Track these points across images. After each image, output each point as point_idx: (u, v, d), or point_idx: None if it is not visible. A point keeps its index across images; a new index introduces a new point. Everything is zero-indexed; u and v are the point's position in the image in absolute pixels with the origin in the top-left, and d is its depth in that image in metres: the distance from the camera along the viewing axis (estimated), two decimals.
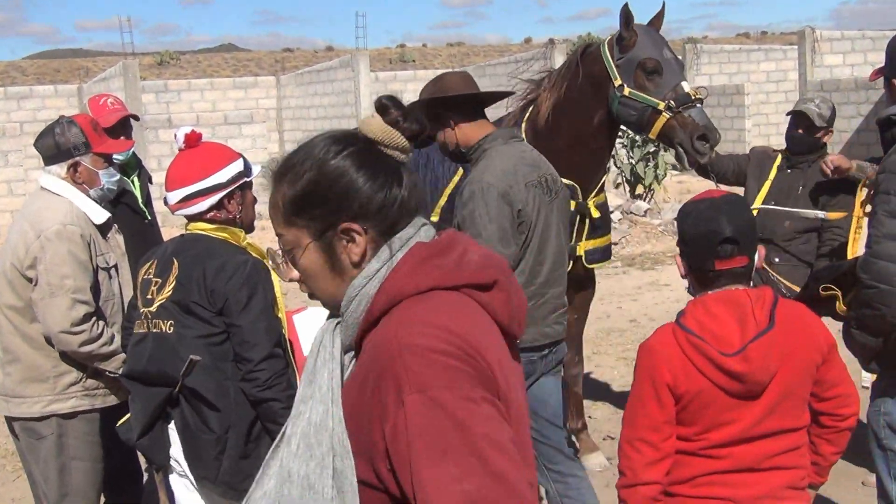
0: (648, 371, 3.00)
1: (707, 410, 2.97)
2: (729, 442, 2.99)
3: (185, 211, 3.62)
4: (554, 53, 21.13)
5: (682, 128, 5.16)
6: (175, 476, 3.71)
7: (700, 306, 3.01)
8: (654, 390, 2.98)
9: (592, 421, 6.74)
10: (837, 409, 3.10)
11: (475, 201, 4.09)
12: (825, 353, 3.05)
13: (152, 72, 43.35)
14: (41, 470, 4.36)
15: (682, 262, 3.10)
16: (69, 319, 4.13)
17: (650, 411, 2.98)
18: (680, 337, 2.97)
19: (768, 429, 3.00)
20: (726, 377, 2.93)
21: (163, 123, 18.77)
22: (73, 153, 4.35)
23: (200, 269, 3.49)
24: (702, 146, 5.15)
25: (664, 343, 3.00)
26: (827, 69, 22.72)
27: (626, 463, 3.02)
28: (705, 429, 2.98)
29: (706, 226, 2.99)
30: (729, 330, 2.96)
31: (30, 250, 4.19)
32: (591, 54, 5.53)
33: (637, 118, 5.32)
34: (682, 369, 2.95)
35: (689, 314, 3.02)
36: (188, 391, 3.51)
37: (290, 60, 49.90)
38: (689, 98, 5.17)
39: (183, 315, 3.51)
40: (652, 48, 5.30)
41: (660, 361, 2.97)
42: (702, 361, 2.94)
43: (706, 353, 2.93)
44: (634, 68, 5.29)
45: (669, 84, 5.23)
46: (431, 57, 51.67)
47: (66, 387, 4.30)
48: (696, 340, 2.94)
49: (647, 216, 14.93)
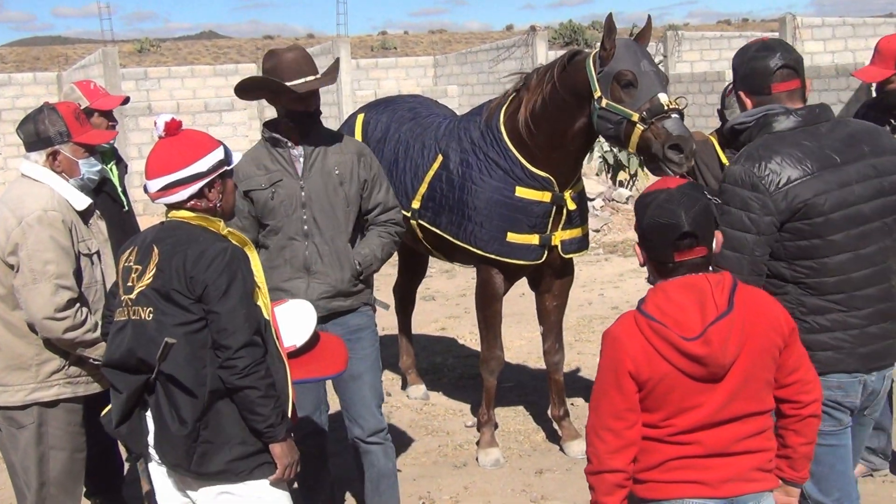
0: (610, 359, 3.05)
1: (671, 396, 3.01)
2: (695, 427, 3.03)
3: (166, 200, 3.60)
4: (536, 41, 21.09)
5: (656, 138, 5.09)
6: (155, 464, 3.71)
7: (660, 293, 3.05)
8: (616, 378, 3.02)
9: (574, 408, 6.77)
10: (797, 395, 3.13)
11: None
12: (786, 337, 3.09)
13: (132, 59, 43.08)
14: (20, 460, 4.35)
15: (641, 252, 3.13)
16: (53, 305, 4.12)
17: (612, 399, 3.04)
18: (641, 323, 3.01)
19: (734, 413, 3.04)
20: (688, 361, 2.97)
21: (143, 111, 18.65)
22: (53, 141, 4.33)
23: (181, 257, 3.48)
24: (674, 155, 5.04)
25: (625, 330, 3.04)
26: (808, 56, 22.78)
27: (591, 450, 3.09)
28: (670, 414, 3.03)
29: (665, 219, 2.99)
30: (689, 315, 2.99)
31: (11, 237, 4.17)
32: (576, 63, 5.52)
33: (614, 131, 5.30)
34: (644, 355, 2.99)
35: (650, 301, 3.05)
36: (165, 377, 3.50)
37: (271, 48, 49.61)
38: (663, 109, 5.11)
39: (162, 302, 3.49)
40: (629, 60, 5.25)
41: (620, 349, 3.02)
42: (663, 346, 2.98)
43: (668, 338, 2.97)
44: (611, 80, 5.27)
45: (645, 96, 5.18)
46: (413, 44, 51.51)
47: (48, 375, 4.29)
48: (657, 326, 2.98)
49: (629, 203, 14.94)
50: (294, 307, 3.98)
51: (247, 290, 3.52)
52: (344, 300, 4.72)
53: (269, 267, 4.56)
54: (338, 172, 4.68)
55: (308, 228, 4.63)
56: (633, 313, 3.07)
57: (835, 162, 3.47)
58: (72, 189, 4.36)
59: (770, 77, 3.60)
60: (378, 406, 4.87)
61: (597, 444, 3.07)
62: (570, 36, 43.98)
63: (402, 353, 7.70)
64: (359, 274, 4.73)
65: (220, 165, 3.64)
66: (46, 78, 25.29)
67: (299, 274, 4.64)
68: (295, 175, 4.64)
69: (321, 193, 4.64)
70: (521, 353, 8.57)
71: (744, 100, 3.70)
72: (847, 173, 3.47)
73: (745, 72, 3.67)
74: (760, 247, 3.47)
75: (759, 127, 3.58)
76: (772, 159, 3.44)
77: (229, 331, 3.44)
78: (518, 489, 5.77)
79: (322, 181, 4.64)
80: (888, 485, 5.56)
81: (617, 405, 3.03)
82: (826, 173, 3.44)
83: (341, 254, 4.69)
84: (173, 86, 25.52)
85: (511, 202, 5.72)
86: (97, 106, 5.51)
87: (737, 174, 3.48)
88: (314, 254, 4.64)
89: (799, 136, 3.50)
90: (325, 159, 4.68)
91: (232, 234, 3.68)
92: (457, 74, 25.48)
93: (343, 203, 4.69)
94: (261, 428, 3.51)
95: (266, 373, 3.49)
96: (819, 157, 3.46)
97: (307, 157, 4.67)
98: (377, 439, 4.82)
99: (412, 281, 7.85)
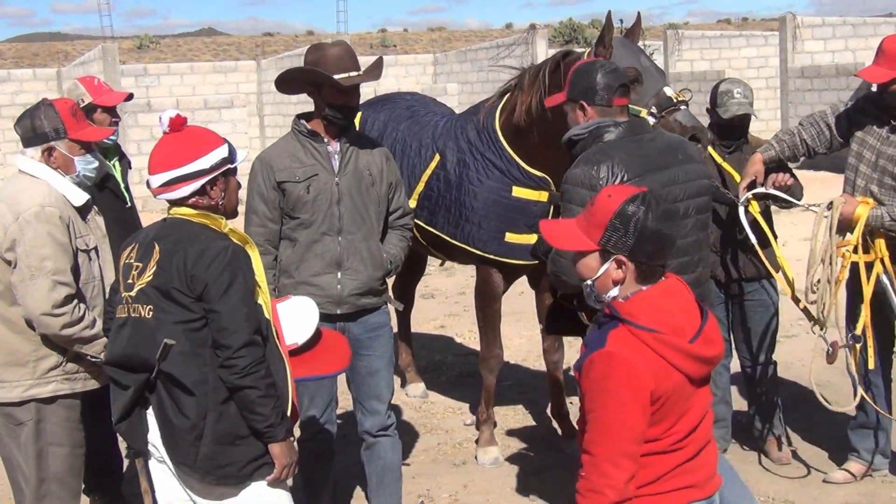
0: (624, 380, 2.87)
1: (677, 405, 2.96)
2: (690, 430, 3.02)
3: (168, 195, 3.59)
4: (535, 38, 21.08)
5: (669, 132, 5.10)
6: (154, 461, 3.71)
7: (644, 303, 2.96)
8: (635, 398, 2.87)
9: (574, 407, 6.76)
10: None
11: None
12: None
13: (132, 56, 43.08)
14: (20, 456, 4.34)
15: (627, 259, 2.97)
16: (50, 301, 4.11)
17: (634, 422, 2.87)
18: (644, 337, 2.91)
19: (705, 405, 3.09)
20: (698, 364, 2.97)
21: (142, 108, 18.66)
22: (49, 137, 4.31)
23: (181, 255, 3.47)
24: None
25: (630, 347, 2.90)
26: (808, 55, 22.78)
27: (605, 482, 2.86)
28: (672, 424, 2.97)
29: (668, 225, 3.00)
30: (679, 319, 2.99)
31: (8, 233, 4.16)
32: (569, 65, 5.47)
33: None
34: (660, 370, 2.90)
35: (638, 313, 2.94)
36: (165, 377, 3.49)
37: (271, 45, 49.70)
38: (672, 102, 5.10)
39: (163, 300, 3.48)
40: (629, 57, 5.23)
41: (635, 367, 2.87)
42: (674, 355, 2.92)
43: (677, 346, 2.92)
44: None
45: (651, 91, 5.16)
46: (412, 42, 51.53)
47: (45, 371, 4.28)
48: (662, 337, 2.91)
49: None
50: (296, 304, 3.97)
51: (248, 289, 3.51)
52: (372, 298, 4.79)
53: (299, 261, 4.65)
54: (370, 173, 4.74)
55: (341, 225, 4.67)
56: (626, 329, 2.93)
57: (658, 166, 4.04)
58: (69, 185, 4.34)
59: (614, 92, 4.12)
60: (390, 402, 4.94)
61: (614, 475, 2.86)
62: (569, 34, 43.99)
63: (401, 351, 7.69)
64: (388, 273, 4.82)
65: (223, 163, 3.62)
66: (46, 74, 25.28)
67: (330, 269, 4.67)
68: (331, 171, 4.67)
69: (355, 191, 4.69)
70: (521, 351, 8.56)
71: (582, 110, 4.16)
72: (668, 176, 4.04)
73: (589, 85, 4.13)
74: None
75: (593, 137, 4.08)
76: (606, 163, 3.94)
77: (230, 330, 3.43)
78: (517, 487, 5.77)
79: (356, 180, 4.69)
80: (888, 485, 5.56)
81: (639, 427, 2.88)
82: (650, 175, 3.96)
83: (374, 252, 4.75)
84: (173, 82, 25.52)
85: (508, 202, 5.72)
86: (100, 102, 5.50)
87: (577, 176, 3.99)
88: (347, 250, 4.68)
89: (627, 144, 4.04)
90: (358, 159, 4.73)
91: (233, 232, 3.67)
92: (456, 72, 25.49)
93: (375, 203, 4.76)
94: (260, 428, 3.50)
95: (266, 372, 3.48)
96: (645, 162, 4.01)
97: (342, 154, 4.71)
98: (387, 433, 4.91)
99: (411, 279, 7.84)
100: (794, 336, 8.18)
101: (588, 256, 3.01)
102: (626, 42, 5.38)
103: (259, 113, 26.19)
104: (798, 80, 21.44)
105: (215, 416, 3.50)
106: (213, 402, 3.49)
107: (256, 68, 26.93)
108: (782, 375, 6.17)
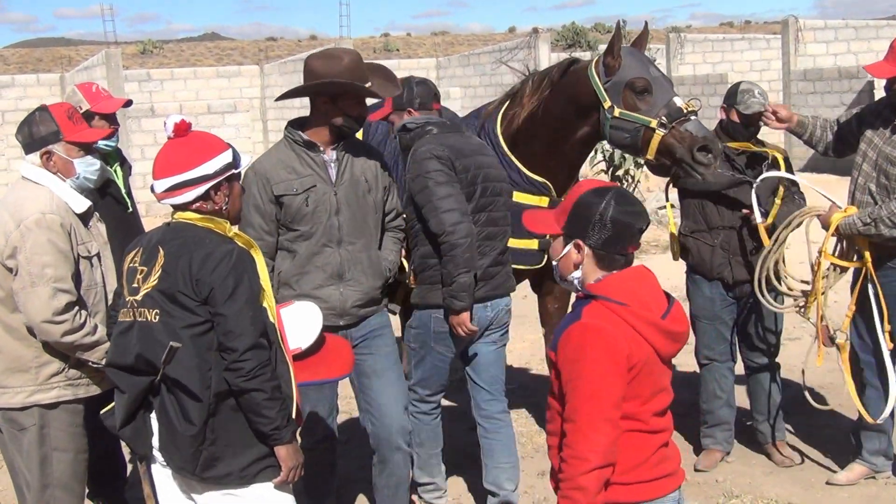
0: (602, 348, 2.99)
1: (649, 378, 3.07)
2: (662, 411, 3.15)
3: (172, 200, 3.60)
4: (538, 42, 21.09)
5: (680, 143, 5.09)
6: (158, 466, 3.71)
7: (614, 282, 3.11)
8: (614, 364, 2.99)
9: None
10: None
11: None
12: None
13: (135, 61, 43.13)
14: (23, 461, 4.34)
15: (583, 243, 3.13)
16: (51, 309, 4.11)
17: (612, 387, 2.99)
18: (616, 309, 3.05)
19: (671, 393, 3.21)
20: (667, 339, 3.09)
21: (145, 113, 18.66)
22: (46, 141, 4.31)
23: (186, 259, 3.48)
24: (703, 157, 5.06)
25: (604, 318, 3.04)
26: (810, 58, 22.78)
27: (587, 447, 2.95)
28: (647, 399, 3.08)
29: (633, 214, 3.12)
30: (649, 298, 3.12)
31: (9, 240, 4.16)
32: (576, 73, 5.49)
33: (631, 139, 5.27)
34: (633, 339, 3.03)
35: (609, 290, 3.08)
36: (170, 381, 3.50)
37: (274, 49, 49.73)
38: (682, 112, 5.11)
39: (168, 304, 3.49)
40: (638, 68, 5.24)
41: (610, 335, 3.00)
42: (645, 327, 3.05)
43: (648, 319, 3.06)
44: (623, 89, 5.23)
45: (661, 101, 5.16)
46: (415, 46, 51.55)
47: (48, 377, 4.28)
48: (633, 310, 3.04)
49: None
50: (300, 309, 3.98)
51: (253, 293, 3.52)
52: (373, 306, 4.78)
53: (299, 273, 4.58)
54: (365, 180, 4.68)
55: (341, 235, 4.61)
56: (600, 303, 3.06)
57: (479, 151, 5.11)
58: (71, 191, 4.34)
59: (432, 99, 5.15)
60: (406, 407, 4.88)
61: (596, 438, 2.95)
62: (572, 38, 43.98)
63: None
64: (387, 280, 4.80)
65: (227, 168, 3.63)
66: (49, 79, 25.31)
67: (332, 281, 4.62)
68: (328, 181, 4.60)
69: (353, 200, 4.63)
70: (524, 355, 8.56)
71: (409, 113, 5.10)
72: (487, 160, 5.12)
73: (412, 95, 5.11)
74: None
75: (423, 130, 5.01)
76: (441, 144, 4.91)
77: (235, 333, 3.44)
78: (520, 491, 5.76)
79: (353, 188, 4.64)
80: (891, 487, 5.56)
81: (617, 392, 2.98)
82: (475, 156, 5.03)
83: (374, 261, 4.72)
84: (176, 87, 25.54)
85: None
86: (97, 109, 5.44)
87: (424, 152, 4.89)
88: (348, 261, 4.63)
89: (450, 136, 5.03)
90: (353, 166, 4.67)
91: (238, 235, 3.68)
92: (459, 76, 25.49)
93: (372, 210, 4.72)
94: (266, 430, 3.50)
95: (272, 375, 3.49)
96: (469, 147, 5.05)
97: (339, 162, 4.64)
98: (402, 444, 4.82)
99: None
100: (797, 339, 8.19)
101: (556, 240, 3.23)
102: (636, 52, 5.37)
103: (262, 117, 26.23)
104: (800, 83, 21.44)
105: (219, 420, 3.51)
106: (216, 406, 3.50)
107: (260, 73, 26.97)
108: (785, 378, 6.17)
